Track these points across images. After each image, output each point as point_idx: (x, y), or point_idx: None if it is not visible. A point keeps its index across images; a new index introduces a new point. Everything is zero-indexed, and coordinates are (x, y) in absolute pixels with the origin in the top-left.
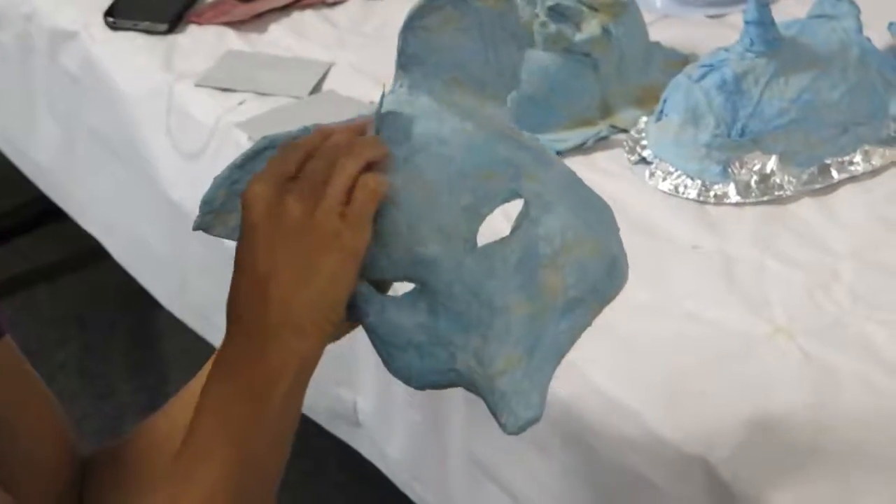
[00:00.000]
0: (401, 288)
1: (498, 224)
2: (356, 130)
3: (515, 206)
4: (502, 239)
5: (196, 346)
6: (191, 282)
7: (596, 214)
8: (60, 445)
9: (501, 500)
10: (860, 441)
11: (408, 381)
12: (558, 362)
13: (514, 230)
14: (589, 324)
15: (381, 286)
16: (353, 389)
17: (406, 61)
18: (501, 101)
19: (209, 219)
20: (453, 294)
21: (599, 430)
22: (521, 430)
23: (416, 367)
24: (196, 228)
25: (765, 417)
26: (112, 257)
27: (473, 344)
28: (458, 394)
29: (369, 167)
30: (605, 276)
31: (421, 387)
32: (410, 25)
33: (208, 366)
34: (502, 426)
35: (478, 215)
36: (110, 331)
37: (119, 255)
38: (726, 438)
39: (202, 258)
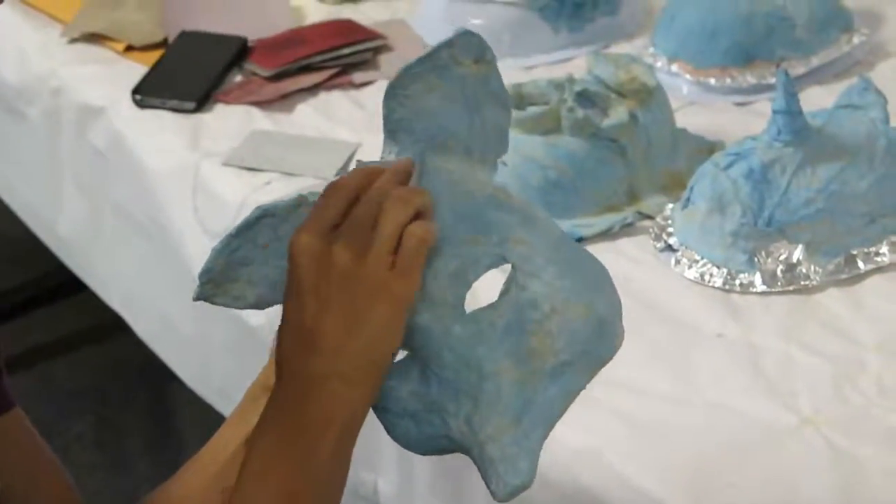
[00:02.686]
0: None
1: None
2: (401, 174)
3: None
4: (490, 304)
5: (215, 421)
6: (214, 361)
7: (585, 276)
8: None
9: None
10: None
11: (408, 447)
12: (550, 427)
13: (501, 295)
14: (582, 387)
15: None
16: (375, 471)
17: (393, 128)
18: (490, 164)
19: (209, 289)
20: (443, 361)
21: None
22: (509, 496)
23: (413, 435)
24: (196, 299)
25: None
26: (129, 330)
27: (465, 410)
28: (479, 480)
29: (417, 216)
30: (596, 339)
31: (422, 453)
32: (394, 93)
33: (221, 432)
34: (492, 493)
35: (465, 282)
36: (128, 404)
37: (141, 330)
38: None
39: (226, 338)
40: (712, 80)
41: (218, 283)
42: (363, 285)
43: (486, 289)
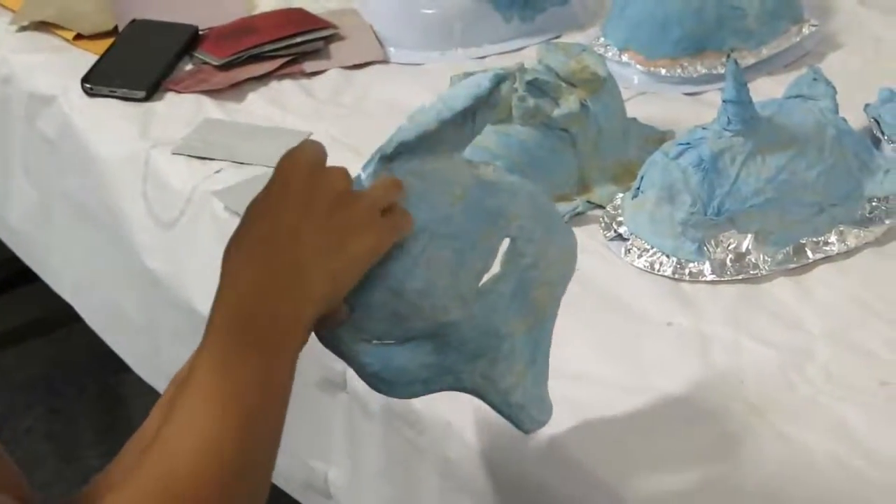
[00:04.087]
0: None
1: None
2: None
3: None
4: (496, 276)
5: None
6: (163, 348)
7: (551, 215)
8: None
9: None
10: None
11: (409, 398)
12: (549, 351)
13: (504, 264)
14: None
15: None
16: (326, 461)
17: (390, 160)
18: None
19: None
20: (466, 338)
21: (571, 501)
22: (538, 429)
23: (419, 393)
24: None
25: (740, 498)
26: (80, 321)
27: (480, 367)
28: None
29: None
30: (571, 266)
31: (418, 397)
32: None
33: (152, 415)
34: (525, 432)
35: (485, 271)
36: (78, 395)
37: (91, 319)
38: None
39: (176, 325)
40: (663, 71)
41: None
42: (355, 213)
43: None
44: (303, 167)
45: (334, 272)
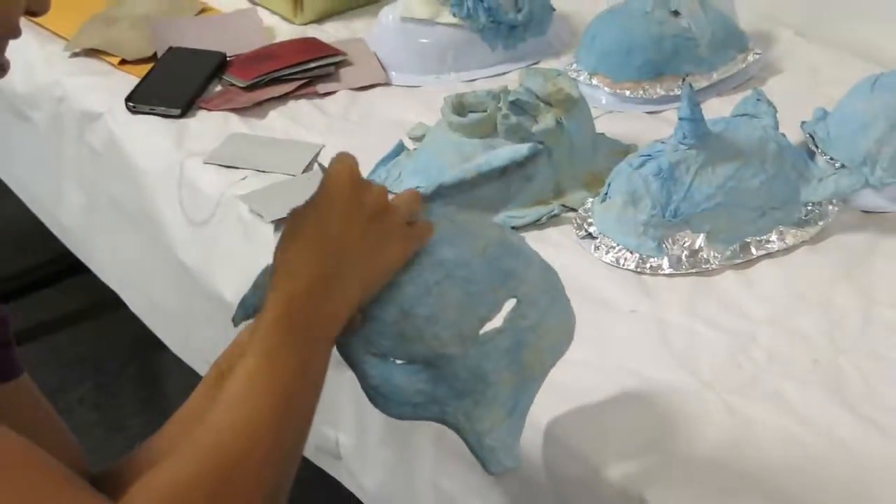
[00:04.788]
0: None
1: None
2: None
3: None
4: (496, 329)
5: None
6: (196, 331)
7: (558, 292)
8: (73, 467)
9: None
10: (776, 486)
11: (397, 418)
12: (526, 415)
13: (506, 322)
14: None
15: None
16: (336, 428)
17: (437, 197)
18: (497, 212)
19: (242, 316)
20: (458, 375)
21: (549, 468)
22: (503, 474)
23: (407, 414)
24: (237, 324)
25: (694, 462)
26: (124, 307)
27: (464, 406)
28: (426, 436)
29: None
30: (566, 344)
31: (405, 419)
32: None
33: (195, 395)
34: (491, 473)
35: (487, 320)
36: (122, 372)
37: (133, 305)
38: (662, 479)
39: (206, 311)
40: (627, 92)
41: (255, 312)
42: (388, 225)
43: None
44: (346, 181)
45: (368, 279)
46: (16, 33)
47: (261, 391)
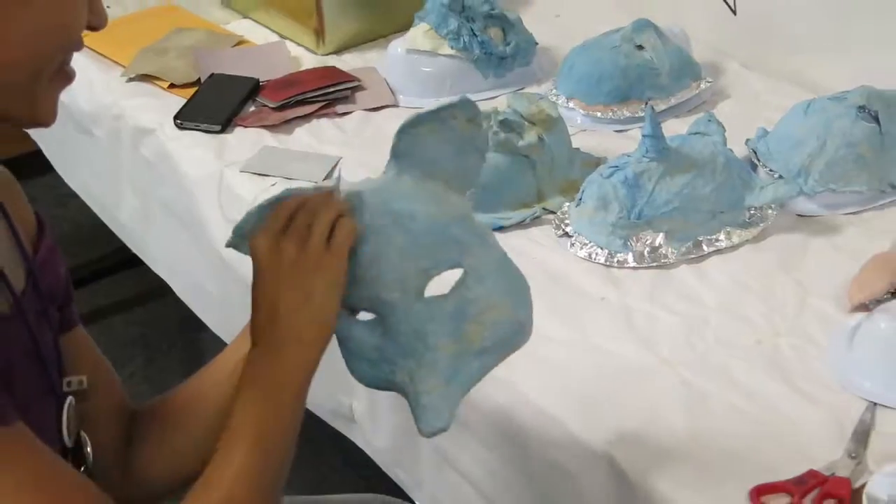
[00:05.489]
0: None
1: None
2: (326, 196)
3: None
4: (443, 295)
5: None
6: (232, 314)
7: (515, 290)
8: (120, 403)
9: (459, 483)
10: (724, 446)
11: (361, 381)
12: (468, 390)
13: (452, 290)
14: (495, 366)
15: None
16: (350, 395)
17: (397, 154)
18: (462, 193)
19: (238, 240)
20: (401, 330)
21: (530, 432)
22: (432, 434)
23: (367, 373)
24: (228, 246)
25: (654, 426)
26: (171, 294)
27: (409, 367)
28: None
29: (339, 217)
30: (511, 335)
31: (368, 386)
32: (404, 129)
33: (230, 346)
34: (420, 430)
35: (428, 275)
36: (169, 349)
37: (180, 292)
38: (625, 440)
39: (241, 297)
40: (598, 114)
41: (245, 237)
42: (306, 266)
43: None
44: (263, 255)
45: (312, 316)
46: (79, 46)
47: (239, 438)
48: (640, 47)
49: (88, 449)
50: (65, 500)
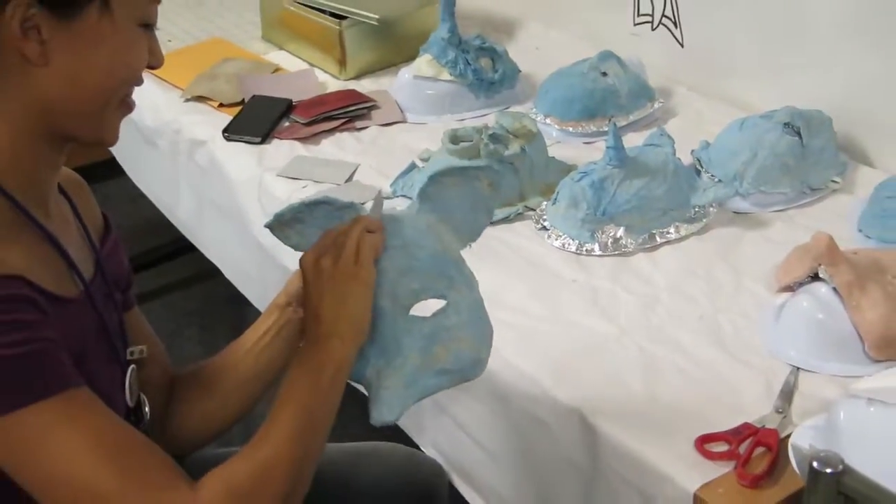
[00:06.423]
0: None
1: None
2: (356, 220)
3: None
4: (423, 316)
5: None
6: (270, 291)
7: (483, 332)
8: (165, 369)
9: (455, 430)
10: (672, 402)
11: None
12: (418, 399)
13: (433, 315)
14: (446, 388)
15: None
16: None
17: (422, 195)
18: (465, 243)
19: (275, 224)
20: (384, 333)
21: (513, 390)
22: (381, 424)
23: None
24: (266, 226)
25: (616, 386)
26: (220, 275)
27: (379, 364)
28: None
29: (365, 234)
30: (469, 367)
31: (354, 381)
32: (434, 176)
33: (250, 329)
34: (371, 418)
35: (418, 297)
36: (220, 318)
37: (227, 273)
38: (592, 397)
39: (276, 278)
40: (570, 129)
41: (281, 224)
42: (341, 277)
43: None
44: (308, 269)
45: (349, 316)
46: (140, 82)
47: (285, 409)
48: (605, 74)
49: (146, 409)
50: (122, 453)
